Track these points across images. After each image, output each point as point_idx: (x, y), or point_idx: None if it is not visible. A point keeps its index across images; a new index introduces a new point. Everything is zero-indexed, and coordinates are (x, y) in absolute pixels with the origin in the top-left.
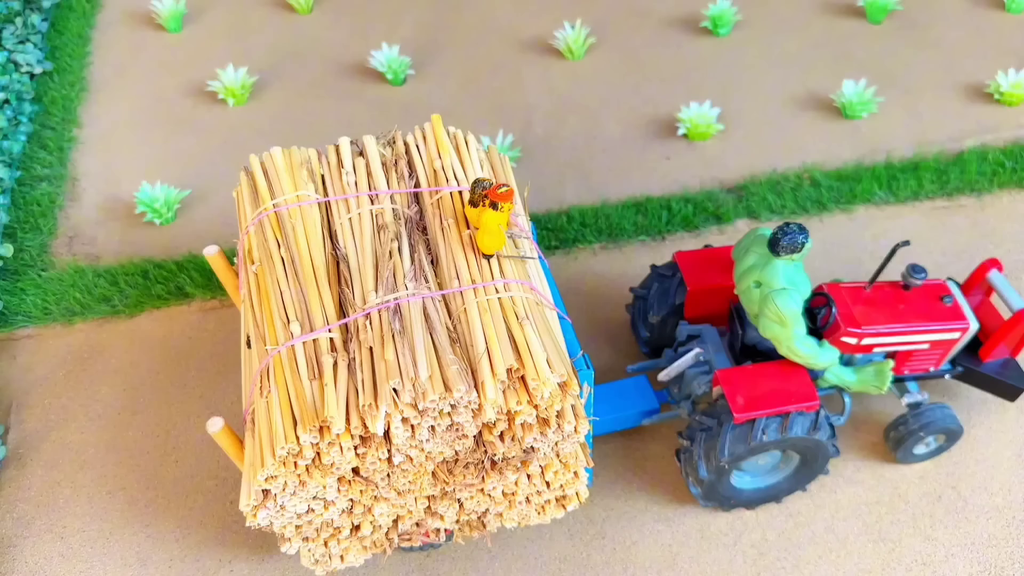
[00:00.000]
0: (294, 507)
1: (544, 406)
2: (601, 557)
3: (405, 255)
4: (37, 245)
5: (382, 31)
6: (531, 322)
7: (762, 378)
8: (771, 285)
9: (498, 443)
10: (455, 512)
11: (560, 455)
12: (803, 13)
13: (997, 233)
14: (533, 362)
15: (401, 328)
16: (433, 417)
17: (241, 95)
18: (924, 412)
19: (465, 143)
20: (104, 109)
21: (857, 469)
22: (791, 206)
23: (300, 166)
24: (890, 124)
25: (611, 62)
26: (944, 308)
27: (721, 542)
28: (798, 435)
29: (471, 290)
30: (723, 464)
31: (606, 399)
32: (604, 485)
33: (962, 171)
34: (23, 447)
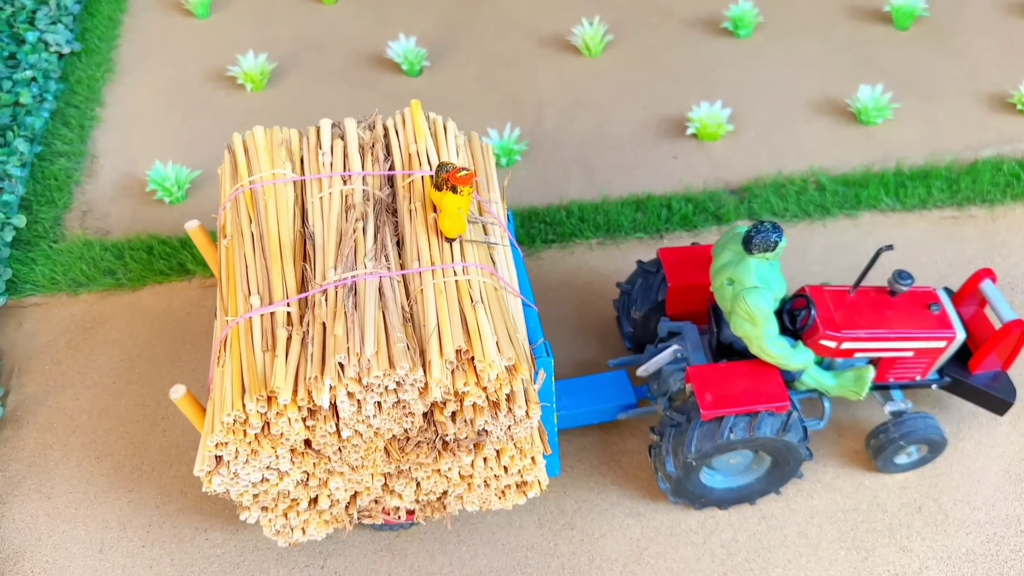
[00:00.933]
0: (248, 475)
1: (493, 388)
2: (568, 547)
3: (369, 235)
4: (51, 218)
5: (403, 23)
6: (485, 306)
7: (734, 377)
8: (743, 283)
9: (449, 424)
10: (413, 491)
11: (515, 440)
12: (828, 17)
13: (1007, 245)
14: (482, 344)
15: (354, 305)
16: (379, 393)
17: (260, 81)
18: (906, 421)
19: (444, 129)
20: (128, 90)
21: (836, 476)
22: (794, 209)
23: (279, 146)
24: (905, 131)
25: (628, 60)
26: (931, 316)
27: (690, 540)
28: (767, 435)
29: (429, 271)
30: (690, 460)
31: (584, 391)
32: (578, 477)
33: (974, 181)
34: (20, 410)
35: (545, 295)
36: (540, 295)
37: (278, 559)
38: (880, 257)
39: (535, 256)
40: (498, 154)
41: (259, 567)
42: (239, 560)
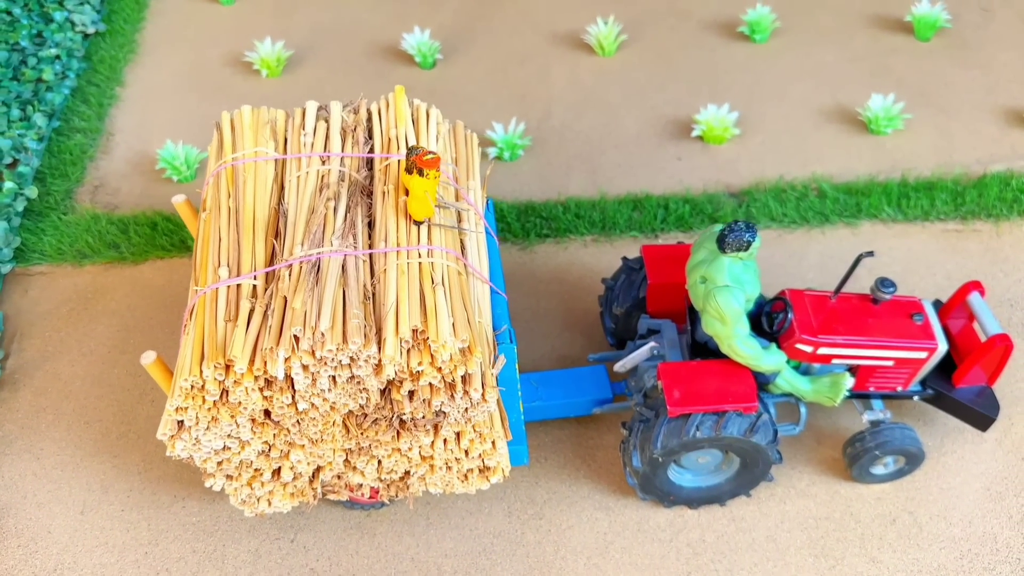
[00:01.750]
0: (210, 442)
1: (448, 369)
2: (535, 537)
3: (339, 214)
4: (63, 191)
5: (421, 15)
6: (445, 288)
7: (705, 376)
8: (715, 282)
9: (406, 402)
10: (375, 469)
11: (473, 423)
12: (847, 25)
13: (1010, 261)
14: (437, 324)
15: (316, 281)
16: (333, 367)
17: (275, 68)
18: (883, 431)
19: (426, 116)
20: (149, 71)
21: (812, 483)
22: (792, 215)
23: (264, 125)
24: (916, 142)
25: (641, 60)
26: (913, 326)
27: (657, 537)
28: (733, 435)
29: (394, 252)
30: (656, 457)
31: (561, 384)
32: (552, 469)
33: (980, 194)
34: (18, 373)
35: (536, 288)
36: (531, 288)
37: (250, 530)
38: (861, 263)
39: (529, 250)
40: (501, 148)
41: (231, 536)
42: (213, 529)
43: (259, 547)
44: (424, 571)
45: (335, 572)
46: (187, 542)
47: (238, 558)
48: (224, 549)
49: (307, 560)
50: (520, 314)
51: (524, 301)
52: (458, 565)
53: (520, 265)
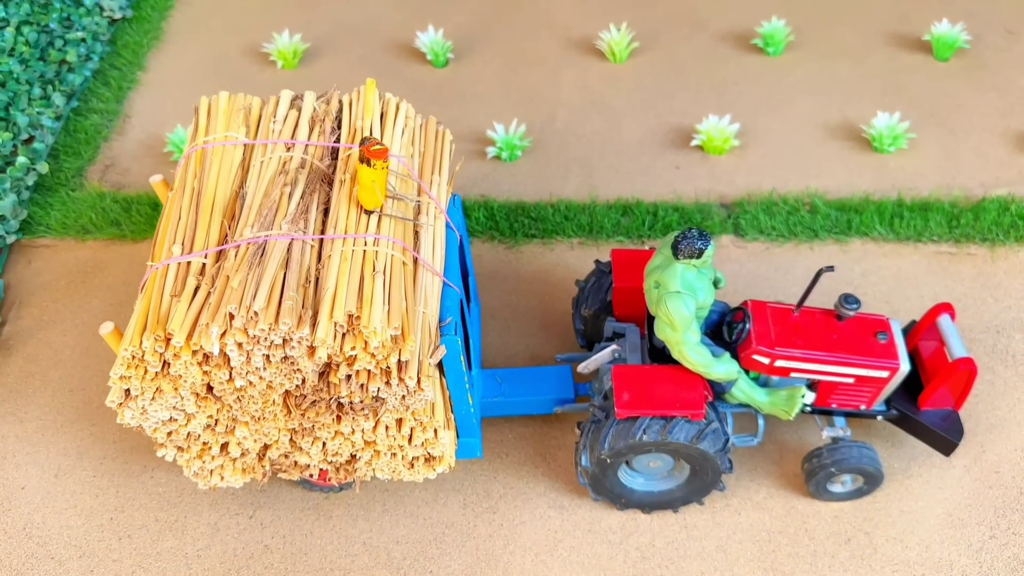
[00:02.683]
0: (156, 413)
1: (381, 356)
2: (487, 530)
3: (294, 200)
4: (74, 168)
5: (440, 15)
6: (386, 277)
7: (657, 380)
8: (667, 287)
9: (343, 386)
10: (320, 451)
11: (412, 411)
12: (864, 42)
13: (1002, 287)
14: (370, 311)
15: (259, 262)
16: (266, 346)
17: (291, 60)
18: (840, 448)
19: (396, 109)
20: (171, 58)
21: (769, 496)
22: (780, 228)
23: (238, 111)
24: (920, 162)
25: (652, 68)
26: (876, 344)
27: (607, 539)
28: (680, 441)
29: (341, 239)
30: (603, 457)
31: (525, 381)
32: (511, 465)
33: (977, 218)
34: (13, 339)
35: (518, 287)
36: (513, 286)
37: (212, 504)
38: (831, 278)
39: (516, 248)
40: (500, 148)
41: (193, 508)
42: (177, 500)
43: (218, 521)
44: (374, 555)
45: (288, 550)
46: (151, 511)
47: (197, 530)
48: (185, 520)
49: (262, 537)
50: (500, 311)
51: (505, 298)
52: (408, 552)
53: (505, 263)
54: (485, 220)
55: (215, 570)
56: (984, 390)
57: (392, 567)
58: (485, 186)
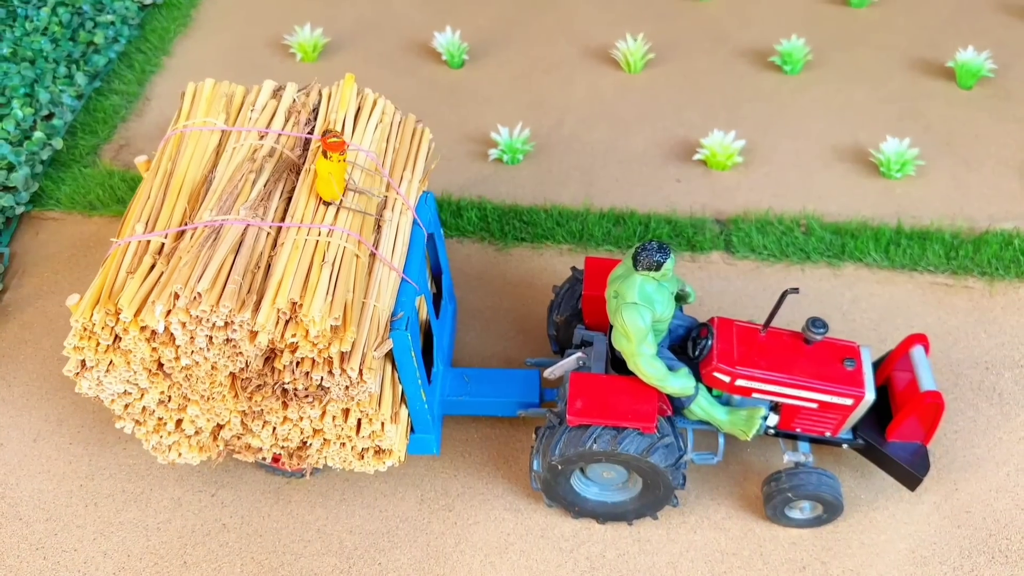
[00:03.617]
0: (111, 385)
1: (321, 345)
2: (440, 527)
3: (257, 187)
4: (90, 146)
5: (462, 17)
6: (334, 268)
7: (612, 390)
8: (625, 298)
9: (287, 372)
10: (270, 435)
11: (356, 402)
12: (886, 65)
13: (997, 323)
14: (312, 301)
15: (211, 245)
16: (208, 328)
17: (311, 53)
18: (800, 474)
19: (373, 105)
20: (196, 45)
21: (728, 516)
22: (772, 248)
23: (220, 98)
24: (928, 190)
25: (666, 80)
26: (842, 371)
27: (559, 545)
28: (630, 452)
29: (296, 228)
30: (554, 463)
31: (492, 382)
32: (473, 465)
33: (977, 250)
34: (12, 306)
35: (503, 288)
36: (498, 288)
37: (177, 479)
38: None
39: (505, 251)
40: (502, 151)
41: (159, 483)
42: (145, 473)
43: (181, 496)
44: (327, 543)
45: (244, 530)
46: (119, 481)
47: (160, 503)
48: (150, 493)
49: (221, 515)
50: (482, 312)
51: (489, 300)
52: (359, 542)
53: (493, 265)
54: (477, 221)
55: (172, 544)
56: (965, 427)
57: (343, 556)
58: (483, 187)
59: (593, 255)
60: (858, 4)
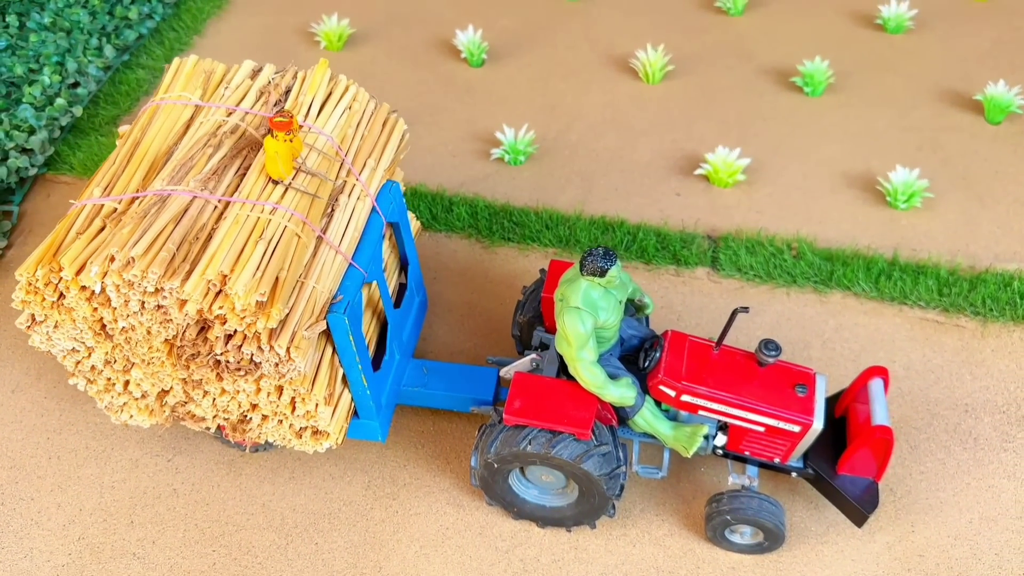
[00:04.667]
0: (60, 341)
1: (249, 320)
2: (382, 515)
3: (212, 161)
4: (109, 116)
5: (490, 16)
6: (270, 245)
7: (553, 393)
8: (568, 302)
9: (218, 343)
10: (210, 405)
11: (287, 380)
12: (912, 93)
13: (984, 366)
14: (239, 274)
15: (155, 213)
16: (140, 292)
17: (337, 43)
18: (741, 497)
19: (343, 92)
20: (229, 27)
21: (669, 534)
22: (758, 269)
23: (200, 74)
24: (934, 223)
25: (683, 93)
26: (792, 396)
27: (495, 545)
28: (563, 457)
29: (240, 204)
30: (490, 461)
31: (449, 376)
32: (424, 457)
33: (972, 289)
34: (14, 263)
35: (483, 286)
36: (479, 285)
37: (139, 442)
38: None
39: (491, 250)
40: (505, 151)
41: (120, 444)
42: (109, 432)
43: (140, 458)
44: (269, 518)
45: (193, 497)
46: (84, 438)
47: (118, 463)
48: (111, 452)
49: (174, 480)
50: (458, 307)
51: (467, 296)
52: (300, 521)
53: (477, 262)
54: (467, 217)
55: (122, 502)
56: (933, 469)
57: (282, 532)
58: (481, 186)
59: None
60: (895, 30)
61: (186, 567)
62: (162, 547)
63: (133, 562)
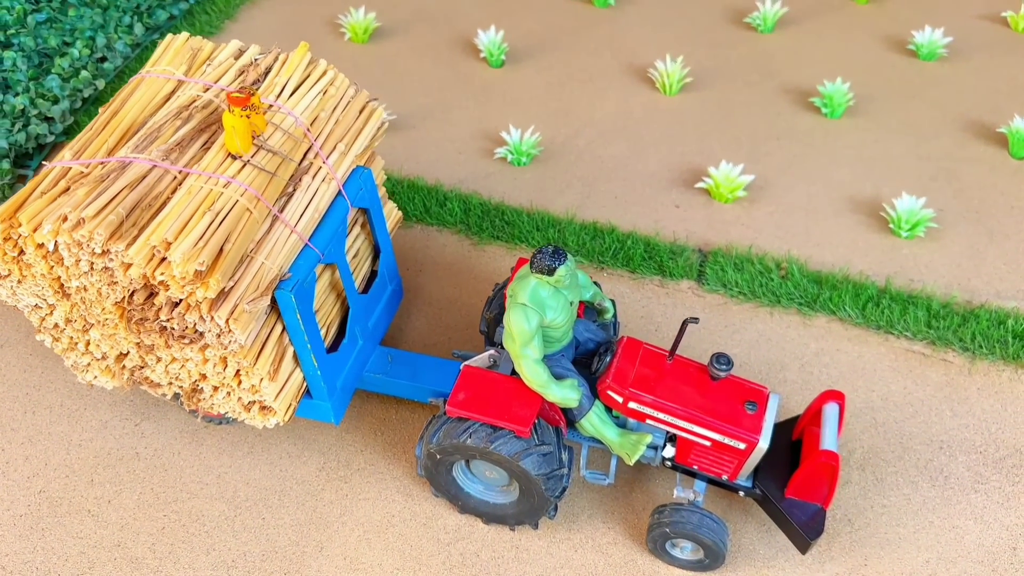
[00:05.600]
0: (24, 296)
1: (187, 288)
2: (331, 496)
3: (180, 133)
4: None
5: (514, 18)
6: (216, 217)
7: (499, 388)
8: (516, 298)
9: (164, 310)
10: (164, 371)
11: (229, 351)
12: (934, 122)
13: (967, 404)
14: (180, 242)
15: (113, 178)
16: (89, 253)
17: (362, 36)
18: (683, 511)
19: (320, 76)
20: (261, 13)
21: (613, 542)
22: (743, 286)
23: (188, 51)
24: (938, 255)
25: (699, 106)
26: (742, 413)
27: (438, 537)
28: (502, 453)
29: (196, 176)
30: (432, 451)
31: (412, 366)
32: (382, 444)
33: (962, 324)
34: None
35: (467, 282)
36: (462, 280)
37: (111, 405)
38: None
39: (480, 247)
40: (509, 150)
41: (94, 404)
42: (86, 393)
43: (109, 420)
44: (222, 489)
45: (153, 462)
46: (60, 396)
47: (88, 423)
48: (83, 411)
49: (137, 445)
50: (439, 301)
51: (449, 291)
52: (251, 495)
53: (464, 258)
54: (460, 213)
55: (87, 461)
56: (897, 503)
57: (233, 504)
58: (481, 183)
59: None
60: (927, 57)
61: (136, 528)
62: (116, 507)
63: (87, 519)
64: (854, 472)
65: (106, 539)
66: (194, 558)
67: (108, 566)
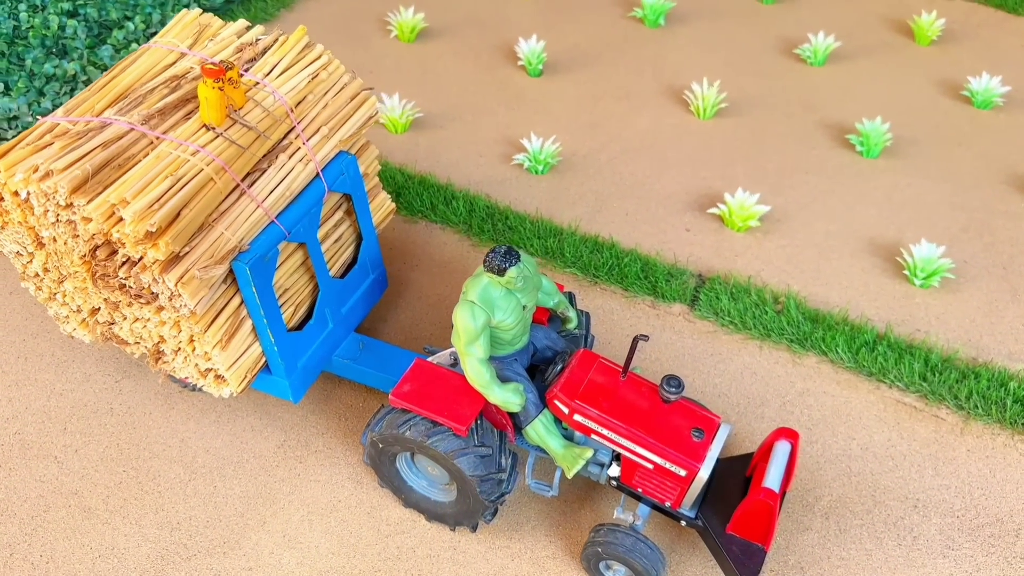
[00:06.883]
0: (6, 243)
1: (141, 248)
2: (283, 474)
3: (164, 101)
4: None
5: (563, 29)
6: (177, 182)
7: (444, 385)
8: (465, 295)
9: (123, 268)
10: (128, 329)
11: (180, 315)
12: (976, 171)
13: (953, 465)
14: (135, 201)
15: (90, 136)
16: (55, 205)
17: (409, 35)
18: (618, 532)
19: (314, 60)
20: (316, 5)
21: (552, 556)
22: (735, 316)
23: (196, 26)
24: (950, 308)
25: (731, 133)
26: (687, 439)
27: (378, 527)
28: (439, 449)
29: (168, 141)
30: (374, 439)
31: (380, 355)
32: (345, 431)
33: (959, 380)
34: None
35: (458, 282)
36: (454, 278)
37: (96, 360)
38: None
39: (479, 247)
40: (527, 157)
41: (80, 359)
42: (76, 345)
43: (92, 374)
44: (182, 452)
45: (124, 419)
46: (52, 346)
47: (73, 375)
48: (69, 363)
49: (114, 401)
50: (429, 296)
51: (440, 288)
52: (209, 462)
53: (461, 257)
54: (464, 213)
55: (62, 410)
56: (856, 559)
57: (190, 469)
58: (494, 187)
59: (557, 270)
60: (981, 104)
61: (95, 479)
62: (82, 457)
63: (52, 464)
64: (817, 519)
65: (65, 486)
66: (142, 515)
67: (62, 511)
